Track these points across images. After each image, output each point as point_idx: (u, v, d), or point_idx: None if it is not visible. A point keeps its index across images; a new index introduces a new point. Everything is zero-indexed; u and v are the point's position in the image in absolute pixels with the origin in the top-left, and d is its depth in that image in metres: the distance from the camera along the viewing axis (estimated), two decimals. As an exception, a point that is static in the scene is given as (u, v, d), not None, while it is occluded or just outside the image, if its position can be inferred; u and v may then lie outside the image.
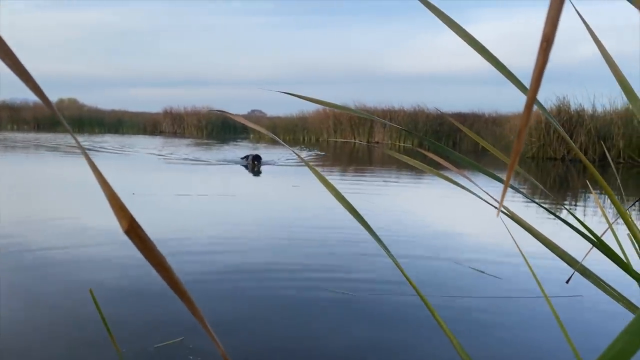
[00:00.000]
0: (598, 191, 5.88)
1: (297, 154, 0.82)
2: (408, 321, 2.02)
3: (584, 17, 0.77)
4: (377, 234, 0.66)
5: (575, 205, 5.60)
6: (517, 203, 4.98)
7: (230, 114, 0.72)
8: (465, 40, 0.75)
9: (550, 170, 10.53)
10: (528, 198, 1.01)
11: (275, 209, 4.58)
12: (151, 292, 2.15)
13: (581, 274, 0.80)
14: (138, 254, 0.31)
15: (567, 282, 1.01)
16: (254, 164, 8.61)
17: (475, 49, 0.74)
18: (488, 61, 0.74)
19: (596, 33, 0.77)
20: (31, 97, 27.13)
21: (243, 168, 8.38)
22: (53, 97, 27.19)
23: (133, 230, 0.27)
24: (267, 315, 2.00)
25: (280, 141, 0.80)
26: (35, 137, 16.28)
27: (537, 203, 0.90)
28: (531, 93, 0.27)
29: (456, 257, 3.00)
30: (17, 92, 26.96)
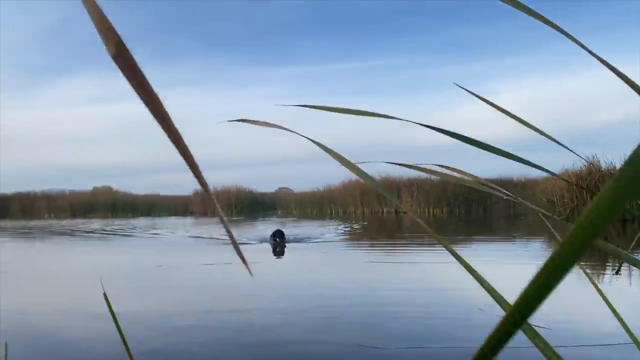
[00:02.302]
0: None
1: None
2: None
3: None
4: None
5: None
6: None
7: (251, 121, 0.70)
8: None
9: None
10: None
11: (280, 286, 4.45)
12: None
13: None
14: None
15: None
16: (275, 241, 8.28)
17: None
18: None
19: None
20: (67, 187, 28.20)
21: (269, 246, 8.17)
22: (88, 186, 28.18)
23: (121, 55, 0.26)
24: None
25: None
26: (72, 223, 16.72)
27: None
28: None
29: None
30: (52, 184, 28.12)
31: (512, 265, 5.17)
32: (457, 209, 17.81)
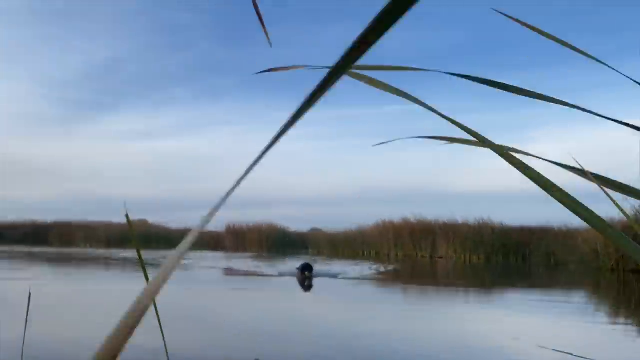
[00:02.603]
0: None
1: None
2: None
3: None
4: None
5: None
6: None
7: (278, 68, 0.62)
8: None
9: (635, 285, 9.62)
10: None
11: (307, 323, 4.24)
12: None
13: None
14: None
15: None
16: (303, 275, 7.98)
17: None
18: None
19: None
20: (103, 217, 28.86)
21: (295, 281, 7.83)
22: (124, 219, 28.69)
23: None
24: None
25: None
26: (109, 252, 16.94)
27: None
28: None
29: None
30: (90, 215, 28.85)
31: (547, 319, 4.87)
32: (494, 256, 17.24)
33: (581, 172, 0.67)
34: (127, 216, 0.72)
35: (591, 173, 0.66)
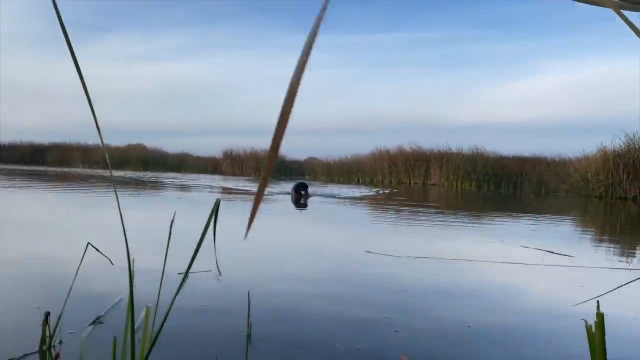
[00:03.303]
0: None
1: None
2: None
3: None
4: None
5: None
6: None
7: None
8: None
9: (621, 210, 9.89)
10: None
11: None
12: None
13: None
14: None
15: None
16: (298, 194, 7.83)
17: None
18: None
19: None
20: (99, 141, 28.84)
21: (289, 199, 7.78)
22: (123, 143, 28.76)
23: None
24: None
25: None
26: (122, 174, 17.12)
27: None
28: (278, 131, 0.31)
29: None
30: (88, 138, 28.81)
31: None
32: (486, 184, 17.54)
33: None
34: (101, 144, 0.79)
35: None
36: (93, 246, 1.44)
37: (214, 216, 1.09)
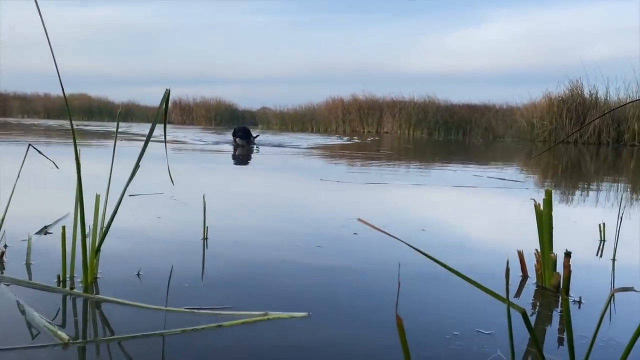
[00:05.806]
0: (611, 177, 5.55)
1: None
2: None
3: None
4: None
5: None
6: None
7: None
8: None
9: (563, 154, 10.31)
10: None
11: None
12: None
13: None
14: None
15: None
16: (235, 143, 7.32)
17: None
18: None
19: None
20: (41, 89, 27.35)
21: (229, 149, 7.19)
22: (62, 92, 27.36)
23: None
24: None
25: None
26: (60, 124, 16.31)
27: None
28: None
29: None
30: (25, 87, 27.22)
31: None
32: (437, 132, 17.87)
33: None
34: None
35: None
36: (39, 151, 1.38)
37: (163, 106, 1.08)
